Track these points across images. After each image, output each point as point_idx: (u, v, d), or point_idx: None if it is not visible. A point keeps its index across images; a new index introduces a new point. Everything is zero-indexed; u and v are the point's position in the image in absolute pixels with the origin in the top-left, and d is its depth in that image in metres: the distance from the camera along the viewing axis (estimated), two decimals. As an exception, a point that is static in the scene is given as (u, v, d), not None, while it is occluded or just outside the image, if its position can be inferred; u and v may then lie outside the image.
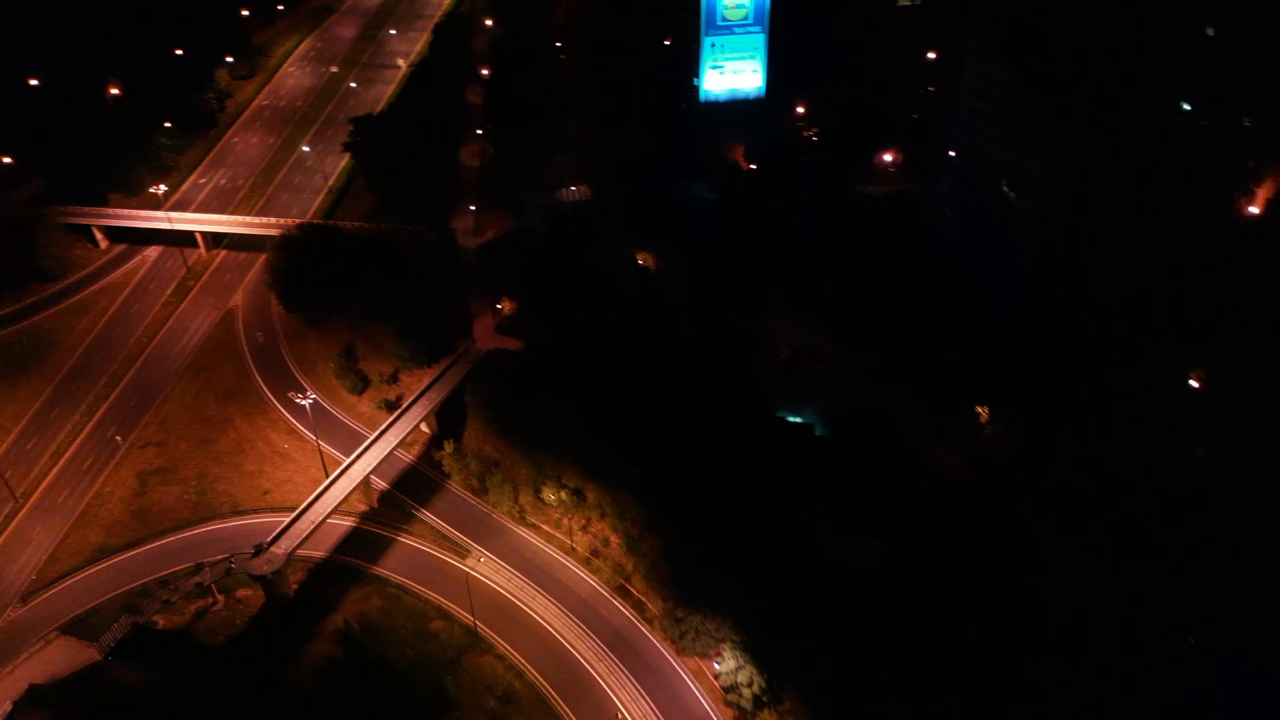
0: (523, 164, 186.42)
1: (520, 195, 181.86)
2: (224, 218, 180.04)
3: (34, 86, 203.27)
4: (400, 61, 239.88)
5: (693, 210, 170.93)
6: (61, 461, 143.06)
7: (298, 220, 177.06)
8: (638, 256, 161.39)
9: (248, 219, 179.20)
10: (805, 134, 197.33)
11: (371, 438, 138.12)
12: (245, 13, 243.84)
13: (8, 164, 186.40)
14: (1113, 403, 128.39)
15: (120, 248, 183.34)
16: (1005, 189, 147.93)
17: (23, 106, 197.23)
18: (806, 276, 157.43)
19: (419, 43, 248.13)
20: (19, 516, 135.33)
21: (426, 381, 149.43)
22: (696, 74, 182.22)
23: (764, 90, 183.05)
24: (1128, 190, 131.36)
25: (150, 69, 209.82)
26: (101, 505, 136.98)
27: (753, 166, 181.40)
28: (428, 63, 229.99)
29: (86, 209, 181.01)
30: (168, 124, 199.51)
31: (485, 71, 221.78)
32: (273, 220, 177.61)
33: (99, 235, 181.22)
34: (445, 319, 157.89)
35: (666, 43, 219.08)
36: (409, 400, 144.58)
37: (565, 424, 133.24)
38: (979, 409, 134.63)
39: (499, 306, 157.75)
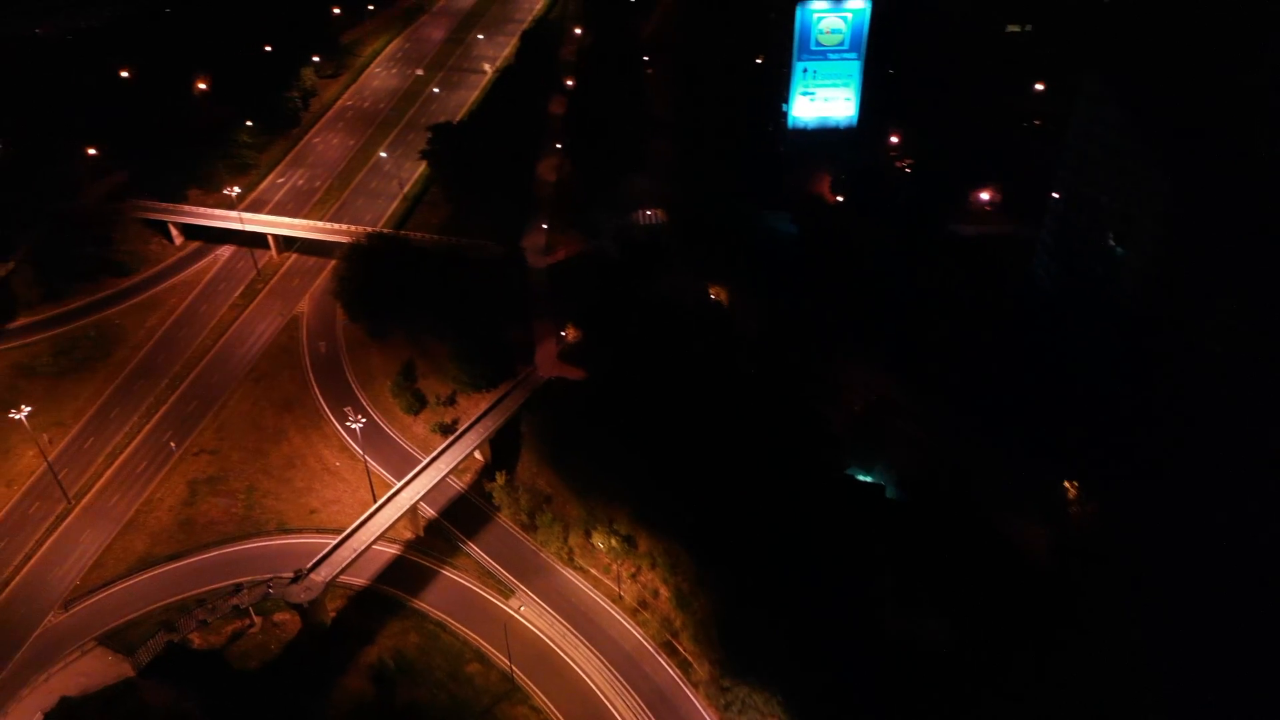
0: (600, 181, 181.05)
1: (595, 215, 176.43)
2: (295, 221, 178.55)
3: (124, 79, 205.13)
4: (486, 67, 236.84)
5: (772, 242, 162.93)
6: (116, 463, 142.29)
7: (368, 229, 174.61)
8: (710, 289, 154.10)
9: (318, 224, 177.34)
10: (897, 164, 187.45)
11: (422, 464, 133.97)
12: (337, 11, 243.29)
13: (92, 155, 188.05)
14: (1220, 488, 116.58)
15: (194, 245, 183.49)
16: (1112, 242, 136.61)
17: (112, 98, 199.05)
18: (889, 321, 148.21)
19: (507, 48, 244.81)
20: (69, 519, 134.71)
21: (484, 406, 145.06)
22: (786, 99, 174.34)
23: (856, 120, 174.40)
24: (1254, 257, 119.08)
25: (238, 65, 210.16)
26: (150, 512, 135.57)
27: (839, 199, 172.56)
28: (513, 70, 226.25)
29: (163, 205, 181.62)
30: (249, 122, 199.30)
31: (570, 82, 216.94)
32: (343, 227, 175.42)
33: (174, 231, 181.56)
34: (508, 341, 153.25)
35: (758, 61, 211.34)
36: (464, 426, 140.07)
37: (621, 463, 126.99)
38: (1067, 484, 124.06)
39: (563, 334, 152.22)
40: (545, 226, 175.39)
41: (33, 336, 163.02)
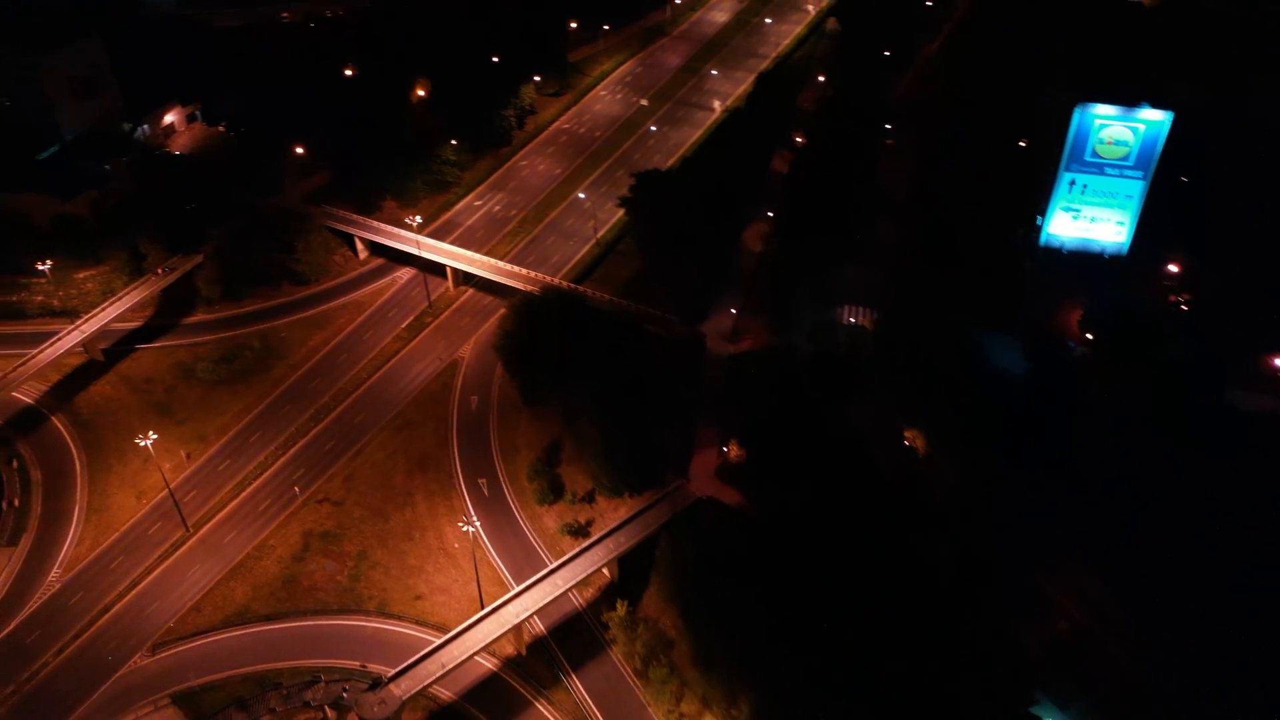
0: (808, 263, 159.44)
1: (794, 301, 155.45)
2: (473, 256, 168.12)
3: (346, 76, 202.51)
4: (716, 104, 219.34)
5: (991, 376, 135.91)
6: (242, 496, 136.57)
7: (545, 278, 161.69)
8: (905, 431, 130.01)
9: (497, 264, 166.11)
10: (1172, 298, 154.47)
11: (538, 575, 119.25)
12: (574, 25, 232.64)
13: (299, 154, 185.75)
14: None
15: (377, 262, 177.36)
16: None
17: (332, 94, 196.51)
18: (1129, 515, 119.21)
19: (742, 85, 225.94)
20: (183, 548, 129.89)
21: (623, 514, 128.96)
22: (1042, 210, 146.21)
23: (1127, 248, 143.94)
24: None
25: (460, 74, 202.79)
26: (259, 560, 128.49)
27: (1088, 337, 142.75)
28: (741, 114, 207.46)
29: (353, 216, 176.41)
30: (454, 141, 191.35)
31: (800, 139, 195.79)
32: (521, 271, 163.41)
33: (360, 245, 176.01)
34: (664, 440, 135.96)
35: (1021, 144, 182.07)
36: (594, 537, 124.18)
37: (761, 635, 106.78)
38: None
39: (725, 449, 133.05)
40: (734, 311, 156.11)
41: (203, 336, 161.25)
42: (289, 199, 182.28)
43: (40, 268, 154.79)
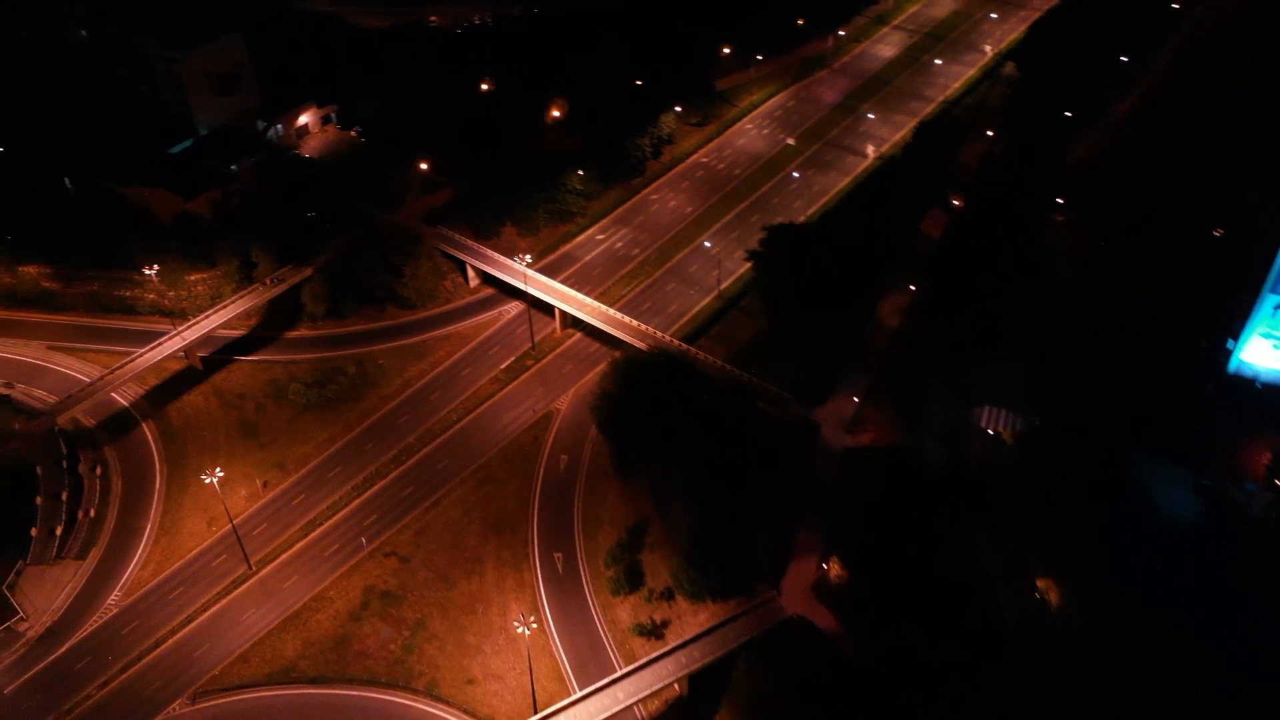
0: (949, 351, 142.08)
1: (927, 395, 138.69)
2: (582, 299, 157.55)
3: (483, 91, 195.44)
4: (869, 150, 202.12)
5: (1154, 525, 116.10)
6: (310, 537, 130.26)
7: (654, 334, 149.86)
8: (1038, 580, 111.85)
9: (606, 311, 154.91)
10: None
11: (600, 683, 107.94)
12: (726, 50, 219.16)
13: (423, 170, 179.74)
14: None
15: (487, 292, 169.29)
16: None
17: (465, 107, 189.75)
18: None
19: (900, 130, 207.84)
20: (242, 588, 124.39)
21: (704, 619, 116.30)
22: (1235, 329, 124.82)
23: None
24: None
25: (600, 96, 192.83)
26: (316, 612, 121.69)
27: (1278, 484, 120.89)
28: (895, 164, 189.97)
29: (465, 241, 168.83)
30: (580, 171, 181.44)
31: (957, 202, 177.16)
32: (630, 323, 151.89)
33: (471, 273, 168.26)
34: (759, 541, 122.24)
35: (1216, 234, 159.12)
36: (667, 647, 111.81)
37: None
38: None
39: (825, 565, 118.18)
40: (857, 400, 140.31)
41: (300, 354, 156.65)
42: (407, 216, 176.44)
43: (147, 271, 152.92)
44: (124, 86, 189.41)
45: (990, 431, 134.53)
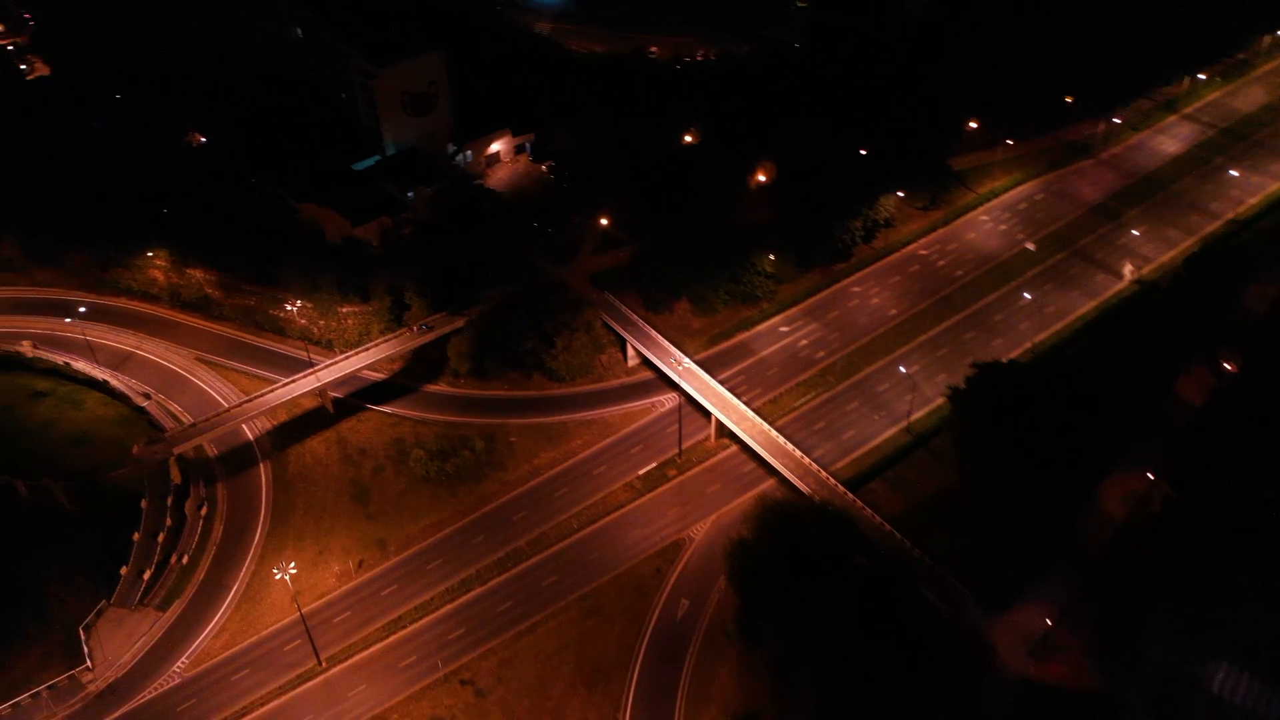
0: (1187, 577, 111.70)
1: (1146, 631, 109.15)
2: (741, 409, 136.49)
3: (685, 143, 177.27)
4: (1126, 271, 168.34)
5: None
6: (388, 641, 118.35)
7: (815, 469, 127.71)
8: None
9: (764, 429, 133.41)
10: None
11: None
12: (973, 125, 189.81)
13: (603, 225, 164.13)
14: None
15: (645, 375, 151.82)
16: None
17: (661, 159, 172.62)
18: None
19: (1169, 251, 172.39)
20: (306, 685, 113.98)
21: None
22: None
23: None
24: None
25: (812, 163, 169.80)
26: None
27: None
28: (1157, 298, 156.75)
29: (629, 315, 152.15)
30: (772, 256, 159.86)
31: (1229, 365, 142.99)
32: (791, 453, 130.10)
33: (631, 352, 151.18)
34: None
35: None
36: None
37: None
38: None
39: None
40: (1049, 621, 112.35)
41: (432, 413, 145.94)
42: (578, 273, 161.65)
43: (289, 308, 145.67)
44: (324, 92, 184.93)
45: (1227, 698, 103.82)
